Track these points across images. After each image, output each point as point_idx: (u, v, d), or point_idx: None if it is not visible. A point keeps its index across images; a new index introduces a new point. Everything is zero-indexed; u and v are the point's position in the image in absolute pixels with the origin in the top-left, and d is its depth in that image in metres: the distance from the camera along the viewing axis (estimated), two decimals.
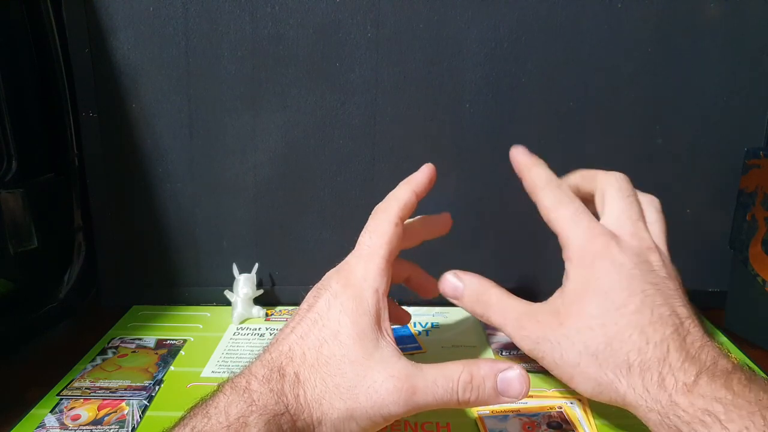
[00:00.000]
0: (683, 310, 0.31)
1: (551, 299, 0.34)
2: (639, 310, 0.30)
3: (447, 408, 0.30)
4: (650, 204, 0.37)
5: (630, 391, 0.29)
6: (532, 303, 0.35)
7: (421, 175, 0.37)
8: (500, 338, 0.47)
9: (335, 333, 0.30)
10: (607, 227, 0.34)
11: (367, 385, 0.29)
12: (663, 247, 0.35)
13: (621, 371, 0.29)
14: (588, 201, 0.36)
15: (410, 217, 0.37)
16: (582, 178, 0.38)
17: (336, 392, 0.29)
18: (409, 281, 0.40)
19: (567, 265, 0.33)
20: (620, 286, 0.31)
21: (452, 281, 0.37)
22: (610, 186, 0.36)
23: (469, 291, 0.36)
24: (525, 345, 0.34)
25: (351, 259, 0.34)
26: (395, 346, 0.31)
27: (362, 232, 0.34)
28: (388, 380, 0.29)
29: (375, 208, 0.35)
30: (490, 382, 0.29)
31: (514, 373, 0.29)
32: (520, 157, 0.37)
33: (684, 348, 0.29)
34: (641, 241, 0.33)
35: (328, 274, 0.34)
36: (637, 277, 0.31)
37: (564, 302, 0.33)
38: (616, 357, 0.29)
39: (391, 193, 0.36)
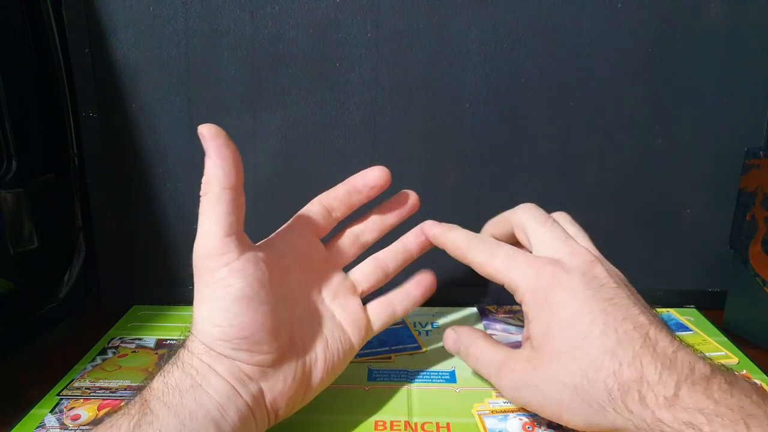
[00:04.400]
0: (644, 317, 0.30)
1: (525, 344, 0.34)
2: (604, 332, 0.30)
3: None
4: (564, 219, 0.37)
5: (618, 416, 0.28)
6: (511, 350, 0.35)
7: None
8: (500, 339, 0.47)
9: None
10: (545, 255, 0.34)
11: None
12: (597, 254, 0.34)
13: (603, 399, 0.29)
14: (511, 243, 0.37)
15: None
16: (495, 224, 0.39)
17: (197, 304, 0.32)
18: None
19: (524, 308, 0.33)
20: (580, 314, 0.31)
21: (452, 336, 0.39)
22: (525, 219, 0.36)
23: (462, 345, 0.38)
24: (507, 394, 0.34)
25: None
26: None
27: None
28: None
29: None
30: None
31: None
32: (433, 230, 0.38)
33: (657, 359, 0.28)
34: (581, 257, 0.33)
35: None
36: (592, 298, 0.31)
37: (535, 345, 0.32)
38: (595, 387, 0.29)
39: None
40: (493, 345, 0.36)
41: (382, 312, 0.38)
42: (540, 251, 0.34)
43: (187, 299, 0.54)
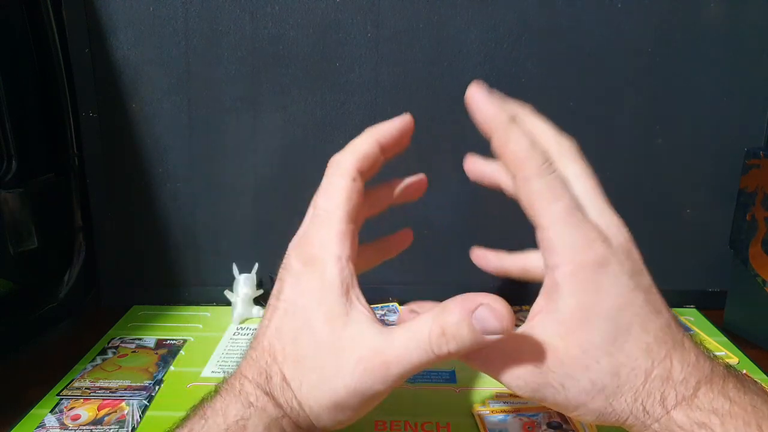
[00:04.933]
0: (667, 311, 0.28)
1: (542, 324, 0.28)
2: (644, 329, 0.27)
3: (432, 365, 0.27)
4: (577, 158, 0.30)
5: (631, 417, 0.27)
6: (523, 329, 0.28)
7: (390, 124, 0.31)
8: None
9: (306, 320, 0.29)
10: (594, 220, 0.28)
11: (341, 374, 0.27)
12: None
13: (626, 399, 0.27)
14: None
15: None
16: (522, 118, 0.31)
17: (318, 387, 0.28)
18: (395, 200, 0.35)
19: (556, 275, 0.27)
20: (625, 305, 0.27)
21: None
22: (571, 155, 0.30)
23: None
24: (524, 393, 0.28)
25: (308, 226, 0.31)
26: (366, 313, 0.28)
27: (316, 192, 0.31)
28: (359, 363, 0.27)
29: (330, 159, 0.31)
30: (464, 327, 0.25)
31: (486, 310, 0.25)
32: (489, 109, 0.30)
33: (685, 356, 0.27)
34: (623, 233, 0.29)
35: (289, 247, 0.31)
36: (636, 288, 0.27)
37: (562, 332, 0.27)
38: (623, 387, 0.26)
39: (349, 143, 0.31)
40: None
41: None
42: (588, 207, 0.29)
43: (186, 299, 0.54)
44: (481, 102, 0.30)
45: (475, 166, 0.35)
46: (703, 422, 0.25)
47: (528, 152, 0.28)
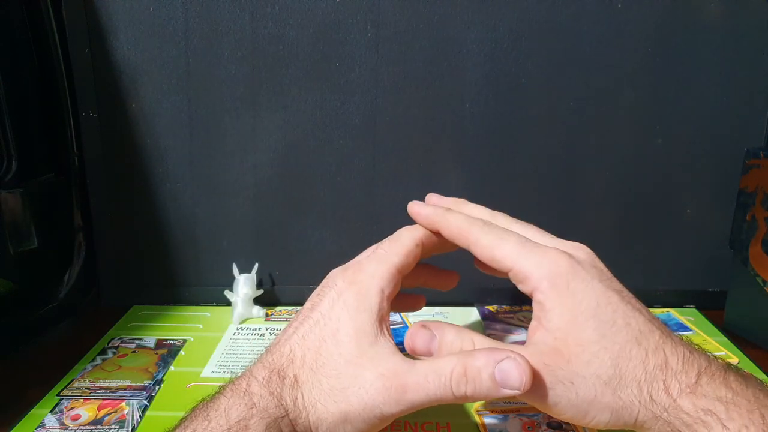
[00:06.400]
0: (648, 312, 0.31)
1: (539, 337, 0.30)
2: (627, 323, 0.29)
3: (445, 404, 0.29)
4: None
5: (642, 409, 0.28)
6: (525, 346, 0.30)
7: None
8: (501, 340, 0.47)
9: (334, 331, 0.30)
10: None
11: (358, 385, 0.28)
12: None
13: (632, 390, 0.28)
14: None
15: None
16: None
17: (330, 394, 0.29)
18: (426, 283, 0.39)
19: (538, 297, 0.30)
20: (603, 303, 0.29)
21: (422, 334, 0.32)
22: (506, 219, 0.35)
23: (445, 346, 0.31)
24: (538, 395, 0.29)
25: (364, 259, 0.33)
26: (393, 344, 0.30)
27: (384, 240, 0.34)
28: (378, 379, 0.28)
29: (404, 226, 0.35)
30: (486, 373, 0.27)
31: (511, 363, 0.27)
32: (425, 210, 0.35)
33: (677, 349, 0.29)
34: (584, 250, 0.32)
35: (333, 272, 0.33)
36: (608, 289, 0.30)
37: (559, 336, 0.29)
38: (624, 377, 0.28)
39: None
40: (493, 341, 0.31)
41: None
42: (538, 241, 0.33)
43: (186, 299, 0.54)
44: (418, 208, 0.35)
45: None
46: (708, 409, 0.26)
47: (467, 223, 0.33)
